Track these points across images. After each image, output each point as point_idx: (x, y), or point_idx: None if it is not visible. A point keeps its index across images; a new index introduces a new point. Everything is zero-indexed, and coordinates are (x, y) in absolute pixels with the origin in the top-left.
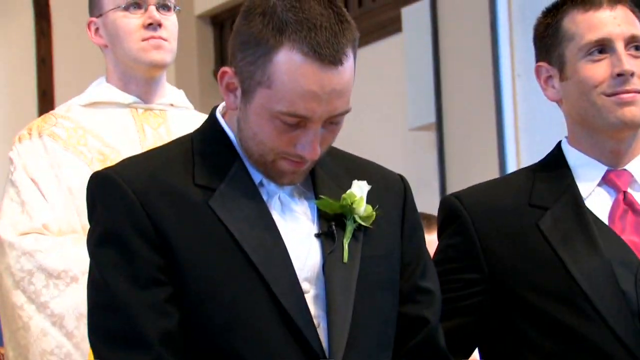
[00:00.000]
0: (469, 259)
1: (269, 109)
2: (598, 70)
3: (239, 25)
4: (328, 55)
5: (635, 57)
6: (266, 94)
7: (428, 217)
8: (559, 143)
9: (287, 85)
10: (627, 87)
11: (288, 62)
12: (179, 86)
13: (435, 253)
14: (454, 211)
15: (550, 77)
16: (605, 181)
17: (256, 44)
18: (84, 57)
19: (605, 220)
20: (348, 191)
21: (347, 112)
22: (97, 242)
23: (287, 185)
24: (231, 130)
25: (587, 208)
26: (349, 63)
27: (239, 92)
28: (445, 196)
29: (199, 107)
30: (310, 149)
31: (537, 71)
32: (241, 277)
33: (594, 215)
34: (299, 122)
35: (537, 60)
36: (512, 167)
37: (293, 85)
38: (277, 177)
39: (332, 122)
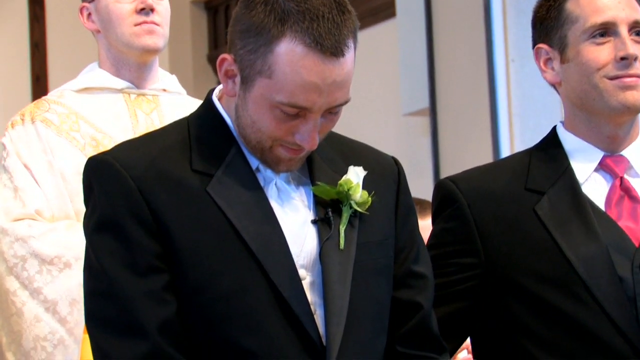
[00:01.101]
0: (466, 243)
1: (269, 99)
2: (601, 53)
3: (239, 12)
4: (330, 47)
5: (638, 42)
6: (266, 84)
7: (421, 202)
8: (555, 128)
9: (289, 77)
10: (630, 71)
11: (290, 53)
12: (172, 71)
13: (430, 237)
14: (451, 195)
15: (549, 59)
16: (602, 167)
17: (257, 33)
18: (77, 42)
19: (602, 206)
20: (344, 177)
21: (346, 102)
22: (94, 228)
23: (283, 172)
24: (228, 115)
25: (584, 193)
26: (350, 54)
27: (238, 80)
28: (441, 180)
29: (192, 92)
30: (309, 138)
31: (537, 53)
32: (239, 264)
33: (591, 201)
34: (298, 113)
35: (536, 43)
36: (505, 152)
37: (294, 77)
38: (273, 164)
39: (332, 112)
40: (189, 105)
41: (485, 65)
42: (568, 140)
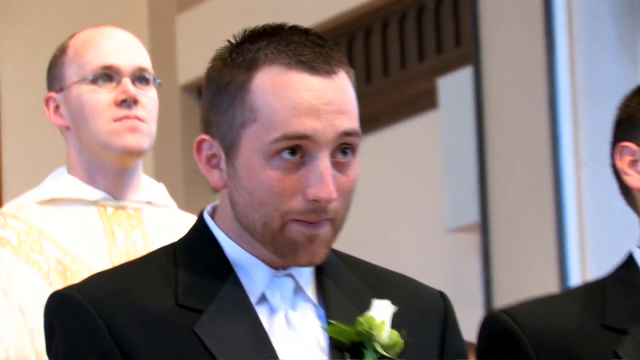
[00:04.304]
0: None
1: (263, 147)
2: None
3: (204, 89)
4: (314, 61)
5: None
6: (254, 131)
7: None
8: (630, 253)
9: (276, 104)
10: None
11: (269, 79)
12: (158, 175)
13: None
14: (508, 333)
15: (635, 161)
16: None
17: (228, 88)
18: (38, 140)
19: None
20: (366, 314)
21: (357, 134)
22: None
23: (306, 265)
24: (225, 234)
25: None
26: (342, 76)
27: (222, 161)
28: (494, 312)
29: (183, 204)
30: (321, 184)
31: (620, 152)
32: None
33: None
34: (302, 153)
35: (619, 141)
36: (575, 279)
37: (282, 102)
38: (291, 254)
39: (344, 152)
40: (179, 220)
41: (550, 170)
42: None
